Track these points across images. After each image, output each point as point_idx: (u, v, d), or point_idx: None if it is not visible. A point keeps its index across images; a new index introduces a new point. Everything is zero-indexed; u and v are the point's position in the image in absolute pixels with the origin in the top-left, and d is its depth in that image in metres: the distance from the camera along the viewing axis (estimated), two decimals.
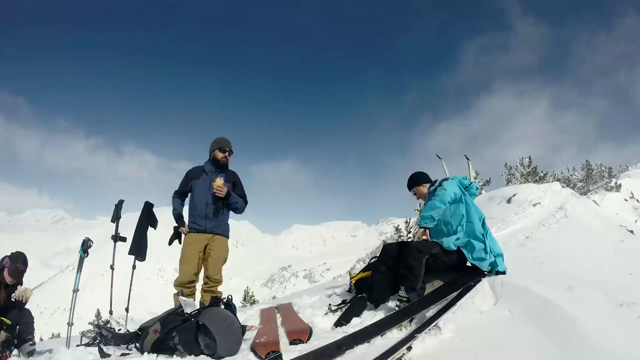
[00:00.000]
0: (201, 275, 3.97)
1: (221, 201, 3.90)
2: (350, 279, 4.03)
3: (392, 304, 3.16)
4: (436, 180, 3.59)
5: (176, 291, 3.79)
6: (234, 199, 3.95)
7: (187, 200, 4.09)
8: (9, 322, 3.21)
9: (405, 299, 3.00)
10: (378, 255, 3.75)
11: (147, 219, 4.34)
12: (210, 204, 3.89)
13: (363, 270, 3.88)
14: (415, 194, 3.69)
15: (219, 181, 3.80)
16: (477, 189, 3.59)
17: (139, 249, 4.29)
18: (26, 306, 3.54)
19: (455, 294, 3.02)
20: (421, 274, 3.10)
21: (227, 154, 4.04)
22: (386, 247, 3.60)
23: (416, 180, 3.65)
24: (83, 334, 3.69)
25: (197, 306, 3.25)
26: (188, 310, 3.04)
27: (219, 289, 3.96)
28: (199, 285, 3.96)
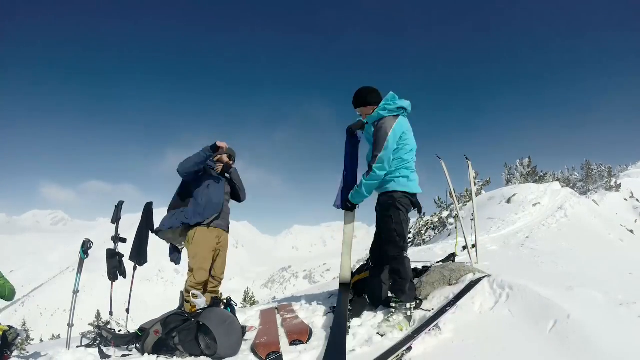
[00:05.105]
0: None
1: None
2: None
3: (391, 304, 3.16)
4: (381, 105, 3.18)
5: (185, 289, 3.58)
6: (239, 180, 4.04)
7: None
8: (5, 327, 3.21)
9: (398, 302, 2.98)
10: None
11: (147, 222, 4.28)
12: (224, 202, 3.87)
13: (358, 272, 3.88)
14: (360, 114, 3.41)
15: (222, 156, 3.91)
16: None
17: (138, 254, 4.24)
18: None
19: (455, 294, 3.02)
20: (408, 275, 3.05)
21: (231, 160, 4.02)
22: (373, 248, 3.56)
23: (364, 102, 3.28)
24: (83, 335, 3.70)
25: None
26: (199, 304, 3.11)
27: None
28: None
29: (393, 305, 2.99)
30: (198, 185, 3.80)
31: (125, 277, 4.08)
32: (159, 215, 4.10)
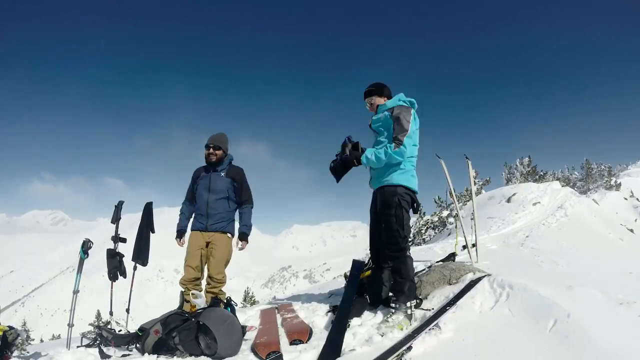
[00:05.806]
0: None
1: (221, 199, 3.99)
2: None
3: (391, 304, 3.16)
4: (396, 100, 3.23)
5: (182, 289, 3.83)
6: (248, 228, 4.08)
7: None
8: (5, 327, 3.21)
9: (397, 302, 2.96)
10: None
11: (147, 223, 4.28)
12: (210, 201, 3.92)
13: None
14: (370, 104, 3.37)
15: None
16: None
17: (140, 255, 4.24)
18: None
19: (455, 293, 3.02)
20: (409, 274, 3.03)
21: (210, 150, 3.96)
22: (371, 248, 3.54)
23: (381, 92, 3.30)
24: (83, 335, 3.69)
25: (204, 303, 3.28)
26: (199, 303, 3.15)
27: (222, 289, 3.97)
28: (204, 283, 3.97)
29: (392, 305, 2.98)
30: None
31: (125, 277, 4.09)
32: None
